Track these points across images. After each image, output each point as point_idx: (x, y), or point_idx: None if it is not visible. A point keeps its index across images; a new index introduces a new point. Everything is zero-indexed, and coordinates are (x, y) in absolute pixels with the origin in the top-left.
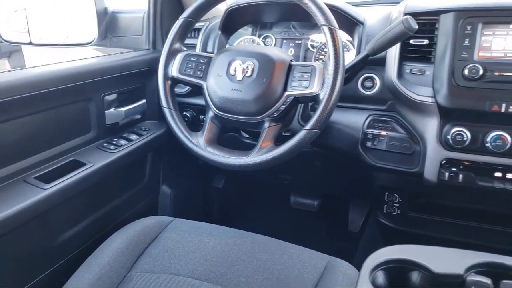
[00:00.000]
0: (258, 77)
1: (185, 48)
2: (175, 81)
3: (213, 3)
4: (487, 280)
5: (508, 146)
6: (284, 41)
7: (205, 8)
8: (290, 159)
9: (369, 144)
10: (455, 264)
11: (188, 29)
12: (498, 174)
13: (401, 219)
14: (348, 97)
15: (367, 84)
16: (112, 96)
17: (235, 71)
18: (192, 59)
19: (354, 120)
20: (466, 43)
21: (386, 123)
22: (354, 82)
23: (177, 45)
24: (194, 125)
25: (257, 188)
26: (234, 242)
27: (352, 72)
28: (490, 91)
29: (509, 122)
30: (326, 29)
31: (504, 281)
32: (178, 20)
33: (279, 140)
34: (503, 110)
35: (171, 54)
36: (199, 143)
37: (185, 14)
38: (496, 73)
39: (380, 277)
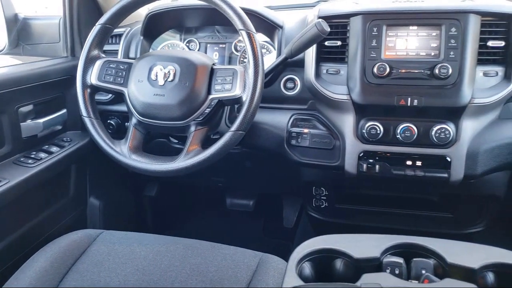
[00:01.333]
0: (181, 82)
1: (103, 55)
2: (95, 89)
3: (131, 9)
4: (400, 260)
5: (415, 136)
6: (209, 45)
7: (123, 13)
8: (218, 161)
9: (293, 142)
10: (372, 248)
11: (106, 35)
12: (409, 162)
13: (329, 211)
14: (272, 98)
15: (289, 85)
16: (28, 107)
17: (156, 76)
18: (111, 65)
19: (279, 120)
20: (374, 43)
21: (308, 121)
22: (277, 83)
23: (95, 52)
24: (120, 133)
25: (191, 193)
26: (167, 249)
27: (274, 74)
28: (397, 87)
29: (415, 115)
30: (244, 33)
31: (414, 259)
32: (95, 27)
33: (207, 143)
34: (409, 104)
35: (89, 61)
36: (123, 151)
37: (102, 20)
38: (401, 70)
39: (307, 268)
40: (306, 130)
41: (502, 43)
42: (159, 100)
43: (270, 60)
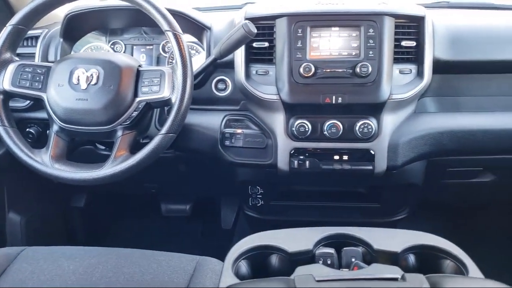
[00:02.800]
0: (105, 85)
1: (17, 58)
2: (9, 95)
3: (46, 9)
4: (331, 250)
5: (341, 132)
6: (135, 47)
7: (38, 14)
8: (149, 166)
9: (227, 142)
10: (305, 241)
11: (19, 37)
12: (336, 157)
13: (265, 209)
14: (204, 100)
15: (220, 86)
16: None
17: (78, 79)
18: (27, 69)
19: (212, 121)
20: (299, 44)
21: (241, 122)
22: (208, 85)
23: (7, 55)
24: (41, 142)
25: (124, 201)
26: (98, 261)
27: (204, 76)
28: (322, 86)
29: (340, 112)
30: (170, 34)
31: (344, 248)
32: (5, 28)
33: (136, 148)
34: (333, 101)
35: (1, 65)
36: (44, 161)
37: (14, 20)
38: (325, 70)
39: (243, 266)
40: (239, 131)
41: (414, 43)
42: (82, 104)
43: (199, 61)
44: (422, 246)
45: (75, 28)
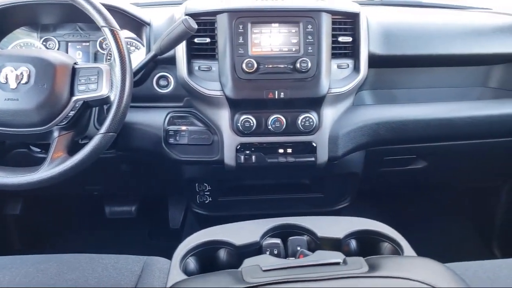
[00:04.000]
0: (37, 84)
1: None
2: None
3: None
4: (278, 240)
5: (284, 126)
6: (70, 43)
7: None
8: (90, 167)
9: (171, 140)
10: (252, 234)
11: None
12: (281, 150)
13: (213, 205)
14: (145, 97)
15: (162, 83)
16: None
17: (6, 78)
18: None
19: (154, 119)
20: (241, 40)
21: (185, 119)
22: (149, 81)
23: None
24: None
25: (65, 206)
26: (37, 268)
27: (145, 72)
28: (265, 82)
29: (283, 106)
30: (106, 30)
31: (290, 238)
32: None
33: (75, 149)
34: (276, 96)
35: None
36: None
37: None
38: (267, 66)
39: (191, 263)
40: (183, 128)
41: (350, 39)
42: (13, 105)
43: (139, 57)
44: (362, 231)
45: (1, 23)
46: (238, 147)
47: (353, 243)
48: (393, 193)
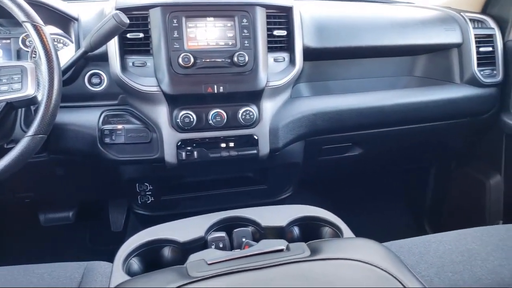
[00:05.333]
0: None
1: None
2: None
3: None
4: (223, 234)
5: (225, 120)
6: None
7: None
8: (20, 173)
9: (107, 140)
10: (196, 229)
11: None
12: (223, 145)
13: (156, 205)
14: (77, 96)
15: (95, 80)
16: None
17: None
18: None
19: (88, 118)
20: (176, 35)
21: (121, 117)
22: (81, 79)
23: None
24: None
25: None
26: None
27: (75, 70)
28: (203, 76)
29: (223, 100)
30: (29, 26)
31: (235, 230)
32: None
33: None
34: (215, 91)
35: None
36: None
37: None
38: (205, 60)
39: (135, 264)
40: (120, 126)
41: (285, 32)
42: None
43: (68, 54)
44: (304, 217)
45: None
46: (178, 144)
47: (296, 230)
48: (332, 180)
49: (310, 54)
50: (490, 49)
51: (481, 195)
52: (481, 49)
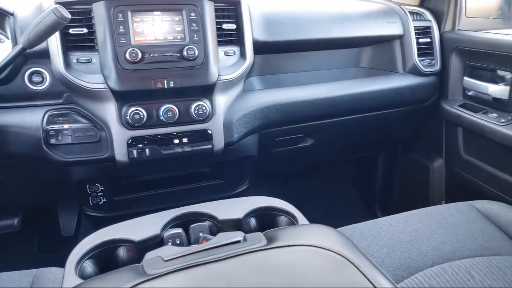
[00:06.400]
0: None
1: None
2: None
3: None
4: (179, 230)
5: (177, 115)
6: None
7: None
8: None
9: (53, 141)
10: (152, 227)
11: None
12: (176, 141)
13: (108, 206)
14: (17, 96)
15: (36, 79)
16: None
17: None
18: None
19: (30, 119)
20: (122, 29)
21: (67, 116)
22: (20, 78)
23: None
24: None
25: None
26: None
27: (13, 68)
28: (152, 71)
29: (174, 96)
30: None
31: (191, 225)
32: None
33: None
34: (165, 86)
35: None
36: None
37: None
38: (153, 55)
39: (89, 267)
40: (66, 126)
41: (234, 26)
42: None
43: (4, 51)
44: (260, 208)
45: None
46: (129, 142)
47: (252, 221)
48: (287, 171)
49: (260, 47)
50: (429, 40)
51: (425, 178)
52: (421, 40)
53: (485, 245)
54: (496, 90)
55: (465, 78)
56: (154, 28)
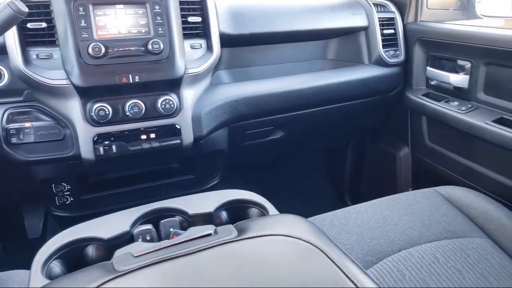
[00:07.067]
0: None
1: None
2: None
3: None
4: (149, 226)
5: (144, 111)
6: None
7: None
8: None
9: (14, 140)
10: (121, 224)
11: None
12: (143, 136)
13: (76, 205)
14: None
15: None
16: None
17: None
18: None
19: None
20: (83, 23)
21: (28, 114)
22: None
23: None
24: None
25: None
26: None
27: None
28: (117, 66)
29: (140, 90)
30: None
31: (162, 221)
32: None
33: None
34: (131, 81)
35: None
36: None
37: None
38: (117, 49)
39: (56, 267)
40: (28, 124)
41: (200, 19)
42: None
43: None
44: (231, 201)
45: None
46: (95, 139)
47: (224, 214)
48: (258, 164)
49: (227, 40)
50: (392, 31)
51: (392, 166)
52: (385, 31)
53: (449, 229)
54: (457, 79)
55: (428, 68)
56: (117, 22)
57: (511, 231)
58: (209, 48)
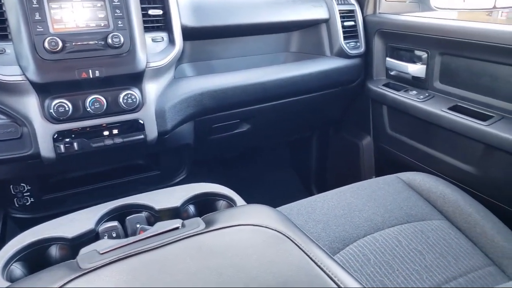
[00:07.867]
0: None
1: None
2: None
3: None
4: (115, 223)
5: (105, 106)
6: None
7: None
8: None
9: None
10: (86, 222)
11: None
12: (106, 133)
13: (37, 206)
14: None
15: None
16: None
17: None
18: None
19: None
20: (38, 17)
21: None
22: None
23: None
24: None
25: None
26: None
27: None
28: (75, 61)
29: (100, 86)
30: None
31: (127, 217)
32: None
33: None
34: (91, 76)
35: None
36: None
37: None
38: (75, 43)
39: (18, 270)
40: None
41: (160, 12)
42: None
43: None
44: (198, 195)
45: None
46: (55, 136)
47: (191, 208)
48: (226, 157)
49: (190, 33)
50: (353, 23)
51: (356, 156)
52: (345, 23)
53: (410, 213)
54: (414, 69)
55: (388, 59)
56: (75, 15)
57: (466, 212)
58: (171, 41)
